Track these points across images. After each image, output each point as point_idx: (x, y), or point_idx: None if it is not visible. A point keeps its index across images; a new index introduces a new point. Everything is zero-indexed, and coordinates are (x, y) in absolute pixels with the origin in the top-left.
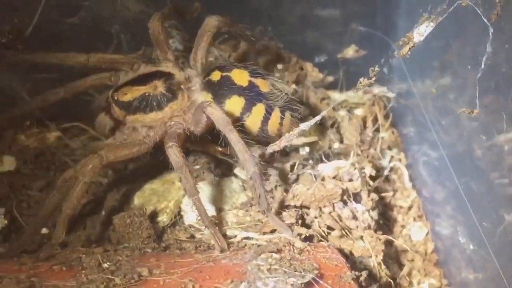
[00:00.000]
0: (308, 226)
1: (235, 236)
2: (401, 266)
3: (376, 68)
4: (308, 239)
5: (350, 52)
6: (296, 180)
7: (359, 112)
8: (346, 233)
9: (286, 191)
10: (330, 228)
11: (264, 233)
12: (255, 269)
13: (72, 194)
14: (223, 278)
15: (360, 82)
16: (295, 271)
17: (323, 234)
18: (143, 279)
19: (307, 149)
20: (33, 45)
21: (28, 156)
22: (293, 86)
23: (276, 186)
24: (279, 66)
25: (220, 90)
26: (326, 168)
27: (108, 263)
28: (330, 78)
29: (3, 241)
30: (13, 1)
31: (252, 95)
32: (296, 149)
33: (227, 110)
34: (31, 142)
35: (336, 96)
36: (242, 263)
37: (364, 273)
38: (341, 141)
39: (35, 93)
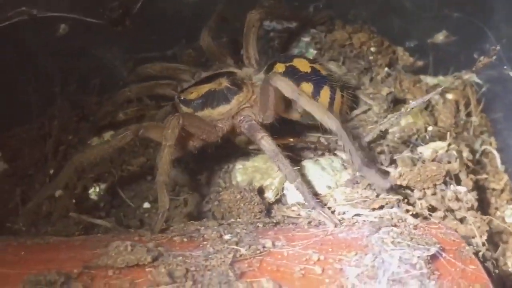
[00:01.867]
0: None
1: (344, 213)
2: (495, 247)
3: (497, 47)
4: (414, 217)
5: (440, 37)
6: (393, 163)
7: (450, 96)
8: (449, 213)
9: (387, 172)
10: (432, 209)
11: (374, 209)
12: (379, 242)
13: (161, 160)
14: (346, 250)
15: (480, 61)
16: (418, 244)
17: (425, 214)
18: (267, 250)
19: (397, 134)
20: (139, 22)
21: None
22: (386, 69)
23: None
24: (372, 49)
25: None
26: (425, 150)
27: (229, 235)
28: (420, 63)
29: (106, 216)
30: None
31: (318, 79)
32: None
33: None
34: (130, 118)
35: (428, 80)
36: (361, 237)
37: (483, 249)
38: (436, 124)
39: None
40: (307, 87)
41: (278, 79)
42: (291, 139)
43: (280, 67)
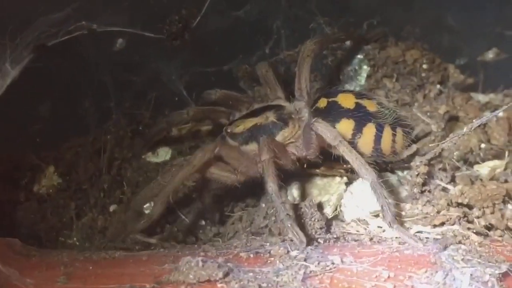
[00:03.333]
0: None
1: (406, 229)
2: None
3: None
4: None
5: (490, 55)
6: (452, 181)
7: (501, 114)
8: (507, 232)
9: (446, 189)
10: (489, 227)
11: (435, 226)
12: (450, 259)
13: (178, 174)
14: (415, 267)
15: None
16: (488, 262)
17: (484, 233)
18: (336, 267)
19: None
20: (196, 37)
21: (183, 147)
22: (438, 86)
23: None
24: (425, 66)
25: (328, 116)
26: (482, 169)
27: (296, 251)
28: (470, 80)
29: (160, 231)
30: None
31: (360, 116)
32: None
33: None
34: (185, 134)
35: (480, 97)
36: (428, 254)
37: None
38: (489, 141)
39: (191, 85)
40: (347, 124)
41: (319, 125)
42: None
43: (322, 102)
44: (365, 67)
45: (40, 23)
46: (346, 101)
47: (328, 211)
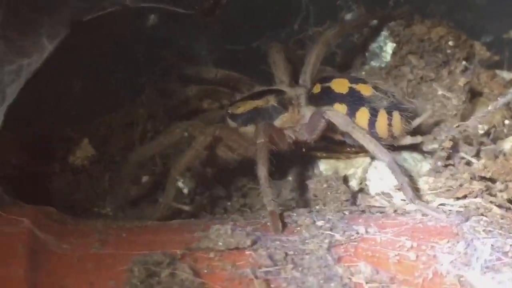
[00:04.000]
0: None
1: (428, 203)
2: None
3: None
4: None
5: None
6: (476, 155)
7: None
8: None
9: (469, 163)
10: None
11: (458, 198)
12: (471, 230)
13: (183, 158)
14: (437, 237)
15: None
16: (509, 233)
17: (507, 206)
18: (360, 236)
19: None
20: (229, 13)
21: None
22: (463, 62)
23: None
24: (450, 43)
25: (321, 101)
26: (506, 144)
27: (322, 221)
28: (496, 57)
29: (190, 202)
30: None
31: (353, 100)
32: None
33: None
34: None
35: (505, 74)
36: (450, 225)
37: None
38: None
39: (220, 62)
40: (340, 108)
41: (332, 113)
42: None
43: (316, 88)
44: (389, 43)
45: None
46: (340, 86)
47: (354, 184)
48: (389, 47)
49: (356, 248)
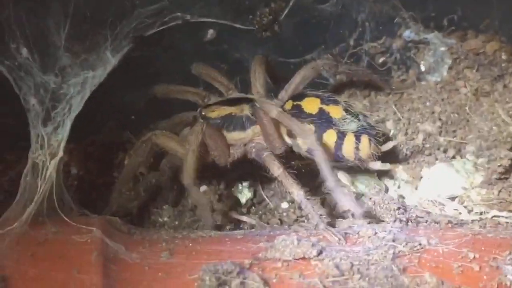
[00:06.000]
0: None
1: (481, 213)
2: None
3: None
4: None
5: None
6: None
7: None
8: None
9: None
10: None
11: (511, 211)
12: None
13: (186, 164)
14: (498, 249)
15: None
16: None
17: None
18: (423, 248)
19: None
20: (286, 28)
21: None
22: None
23: None
24: (504, 57)
25: None
26: None
27: (384, 233)
28: None
29: (247, 212)
30: None
31: (321, 122)
32: None
33: None
34: None
35: None
36: (510, 237)
37: None
38: None
39: None
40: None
41: (263, 105)
42: None
43: (288, 104)
44: (447, 59)
45: (138, 14)
46: (310, 105)
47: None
48: (446, 63)
49: (420, 259)
